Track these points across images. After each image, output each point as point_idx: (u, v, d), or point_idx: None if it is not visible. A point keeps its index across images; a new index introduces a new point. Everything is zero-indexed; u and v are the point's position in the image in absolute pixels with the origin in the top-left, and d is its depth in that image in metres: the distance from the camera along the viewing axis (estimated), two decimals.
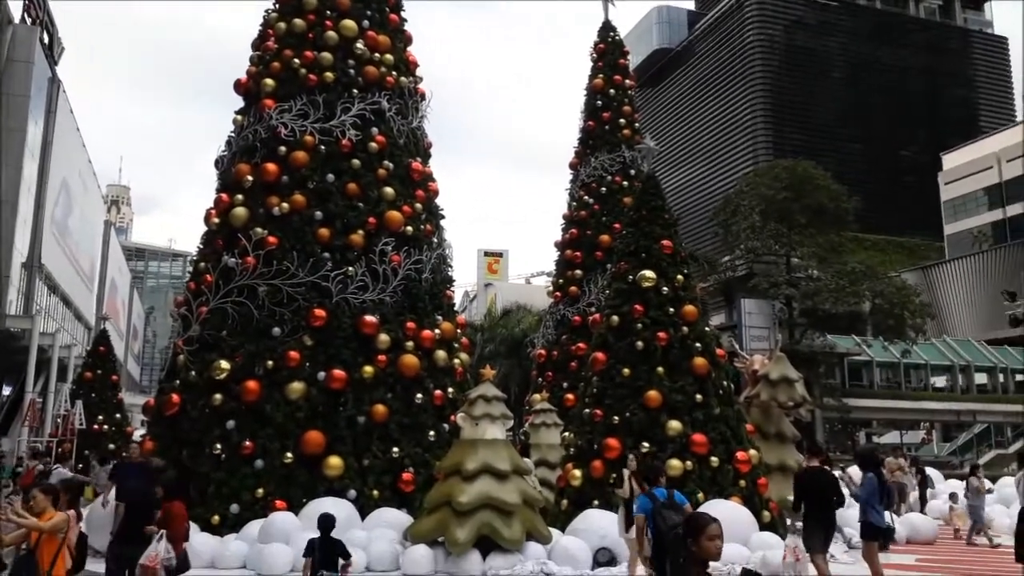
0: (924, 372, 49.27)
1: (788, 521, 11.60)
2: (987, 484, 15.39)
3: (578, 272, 19.91)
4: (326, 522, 7.25)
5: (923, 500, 17.23)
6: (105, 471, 14.33)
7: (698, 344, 12.47)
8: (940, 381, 50.17)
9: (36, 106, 34.69)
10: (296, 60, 13.65)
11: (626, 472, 9.37)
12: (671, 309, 12.55)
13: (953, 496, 15.60)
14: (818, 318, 41.75)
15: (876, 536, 8.82)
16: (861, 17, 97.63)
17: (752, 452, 12.15)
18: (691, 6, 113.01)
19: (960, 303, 62.52)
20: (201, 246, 13.68)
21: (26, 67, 33.15)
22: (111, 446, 22.86)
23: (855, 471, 11.45)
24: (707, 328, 13.45)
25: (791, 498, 9.59)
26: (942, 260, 67.54)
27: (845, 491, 9.46)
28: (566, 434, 13.07)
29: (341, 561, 7.13)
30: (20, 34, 33.43)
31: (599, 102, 21.23)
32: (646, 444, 11.67)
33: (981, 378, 50.22)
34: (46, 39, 36.43)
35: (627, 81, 21.80)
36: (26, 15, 34.28)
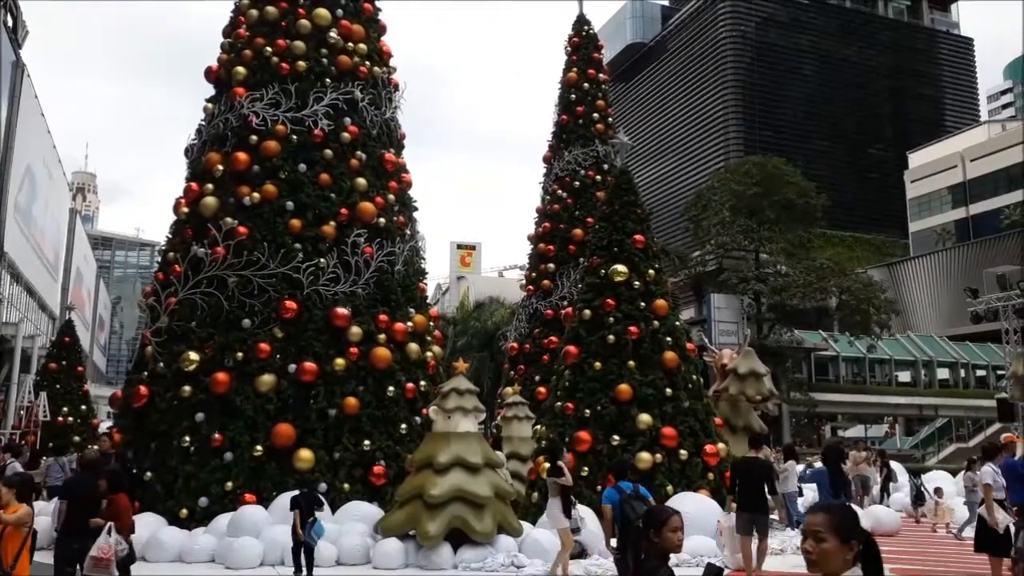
0: (888, 367, 50.19)
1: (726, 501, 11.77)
2: None
3: (551, 266, 19.96)
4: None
5: (885, 492, 17.55)
6: (60, 464, 13.92)
7: (668, 338, 12.61)
8: (904, 376, 51.16)
9: None
10: (268, 48, 13.50)
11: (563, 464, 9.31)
12: (642, 303, 12.67)
13: (938, 491, 15.52)
14: (786, 313, 42.34)
15: None
16: (831, 15, 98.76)
17: (720, 445, 12.32)
18: (665, 1, 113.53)
19: (924, 299, 63.76)
20: (170, 236, 13.50)
21: None
22: (76, 438, 22.48)
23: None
24: (677, 323, 13.60)
25: None
26: (907, 257, 68.78)
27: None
28: (538, 427, 13.13)
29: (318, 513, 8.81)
30: None
31: (573, 96, 21.25)
32: (616, 437, 11.78)
33: (943, 373, 51.29)
34: (9, 22, 35.53)
35: (601, 75, 21.84)
36: None
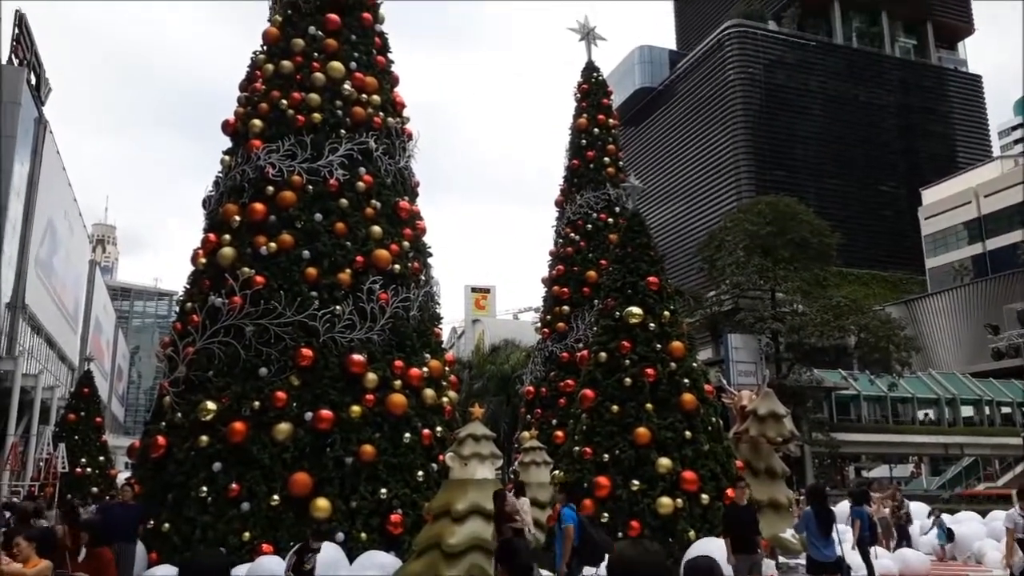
0: (911, 406, 49.41)
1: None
2: None
3: (565, 308, 19.98)
4: None
5: (904, 539, 17.02)
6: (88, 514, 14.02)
7: (686, 380, 12.52)
8: (927, 414, 50.35)
9: (23, 146, 34.67)
10: (284, 101, 13.77)
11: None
12: (658, 345, 12.62)
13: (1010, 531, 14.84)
14: (804, 352, 41.95)
15: (819, 571, 9.17)
16: (838, 56, 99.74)
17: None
18: (672, 46, 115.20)
19: (944, 336, 63.03)
20: (188, 286, 13.63)
21: (13, 108, 33.18)
22: (94, 489, 22.46)
23: (844, 507, 11.49)
24: (695, 364, 13.51)
25: (784, 535, 9.73)
26: (925, 294, 68.22)
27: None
28: (556, 472, 13.00)
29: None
30: (7, 75, 33.52)
31: (583, 141, 21.51)
32: (636, 482, 11.64)
33: (967, 411, 50.41)
34: (33, 80, 36.55)
35: (611, 120, 22.13)
36: (13, 56, 34.43)
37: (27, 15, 35.16)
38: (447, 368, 14.33)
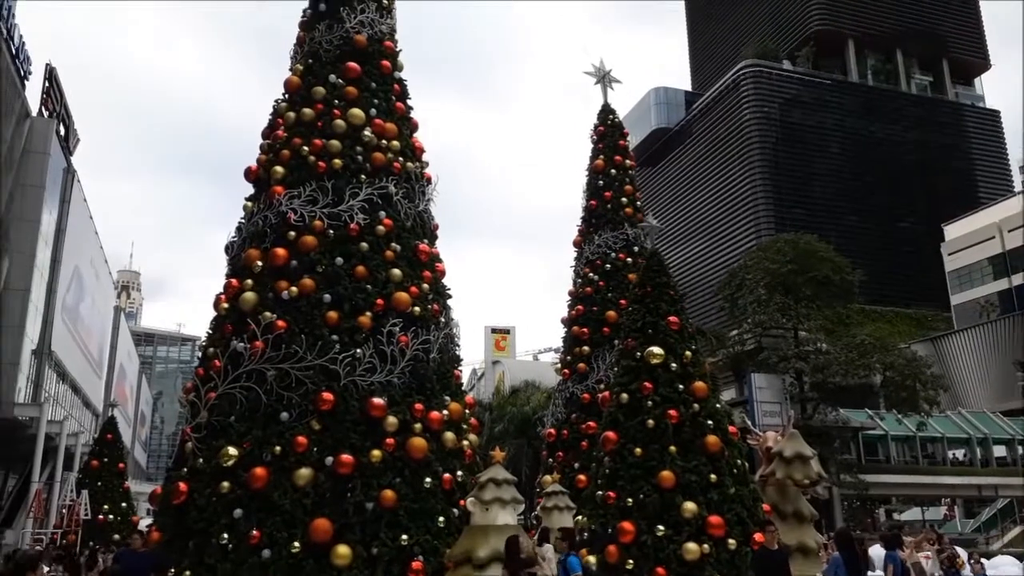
0: (941, 445, 48.33)
1: None
2: None
3: (585, 348, 19.87)
4: None
5: None
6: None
7: (710, 421, 12.34)
8: (958, 454, 49.19)
9: (51, 195, 35.45)
10: (305, 148, 13.99)
11: None
12: (680, 386, 12.48)
13: None
14: (829, 392, 41.33)
15: None
16: (854, 94, 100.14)
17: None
18: (688, 87, 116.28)
19: (972, 374, 61.91)
20: (210, 331, 13.72)
21: (42, 158, 34.02)
22: (116, 536, 22.42)
23: (877, 551, 11.21)
24: (718, 405, 13.33)
25: None
26: (951, 331, 67.23)
27: None
28: (579, 518, 12.79)
29: None
30: (37, 127, 34.44)
31: (600, 182, 21.63)
32: (661, 527, 11.41)
33: (1000, 451, 49.20)
34: (62, 131, 37.51)
35: (627, 161, 22.26)
36: (43, 108, 35.40)
37: (57, 68, 36.22)
38: (467, 411, 14.24)
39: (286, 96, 15.08)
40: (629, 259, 20.30)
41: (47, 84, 35.55)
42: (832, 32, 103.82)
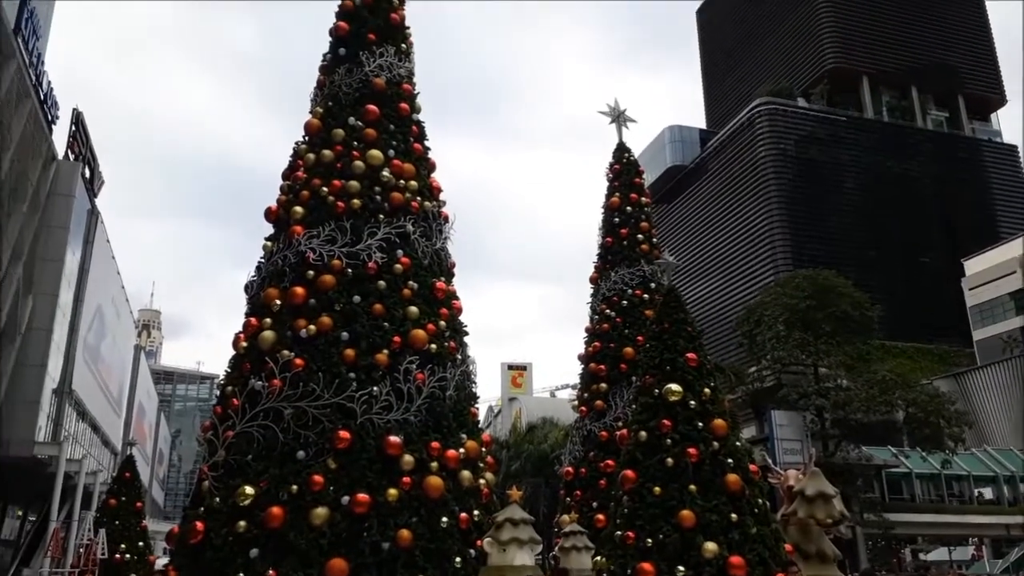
0: (967, 484, 47.33)
1: None
2: None
3: (603, 386, 19.77)
4: None
5: None
6: None
7: (730, 460, 12.20)
8: (985, 492, 48.13)
9: (75, 237, 36.06)
10: (324, 188, 14.20)
11: None
12: (700, 423, 12.37)
13: None
14: (851, 428, 40.77)
15: None
16: (870, 130, 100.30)
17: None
18: (702, 125, 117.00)
19: (997, 410, 60.85)
20: (228, 370, 13.81)
21: (67, 200, 34.68)
22: None
23: None
24: (738, 443, 13.18)
25: None
26: (974, 367, 66.28)
27: None
28: (598, 559, 12.62)
29: None
30: (63, 170, 35.18)
31: (616, 219, 21.73)
32: (681, 568, 11.24)
33: None
34: (87, 173, 38.27)
35: (643, 198, 22.35)
36: (70, 152, 36.19)
37: (83, 113, 37.11)
38: (484, 449, 14.17)
39: (306, 138, 15.35)
40: (646, 295, 20.28)
41: (73, 128, 36.40)
42: (846, 70, 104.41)
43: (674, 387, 12.52)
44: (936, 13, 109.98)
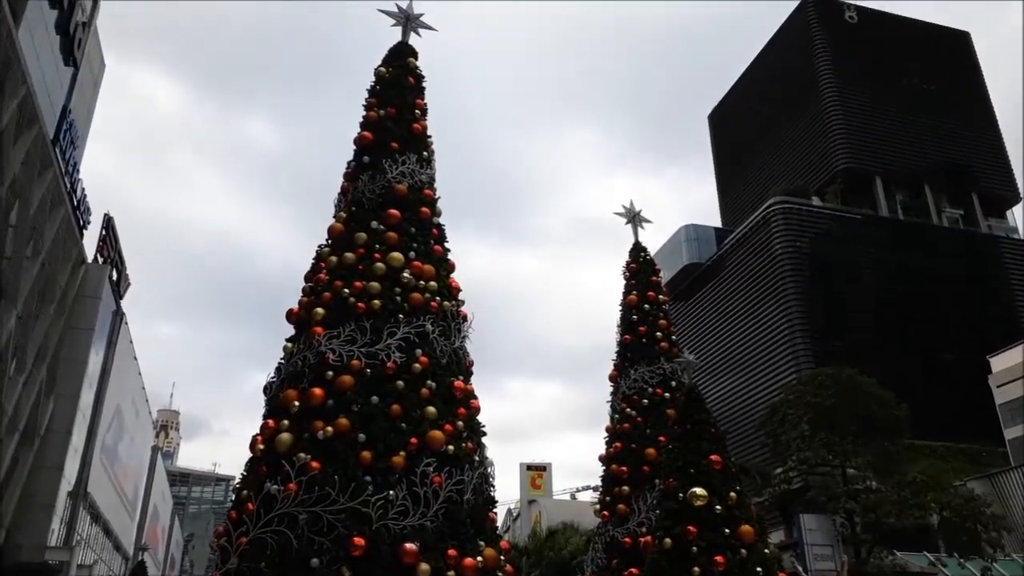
0: None
1: None
2: None
3: (625, 488, 19.27)
4: None
5: None
6: None
7: (759, 568, 11.76)
8: None
9: (99, 338, 36.53)
10: (346, 290, 14.38)
11: None
12: (726, 529, 11.98)
13: None
14: (883, 534, 39.23)
15: None
16: (886, 228, 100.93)
17: None
18: (718, 224, 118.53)
19: None
20: (244, 473, 13.62)
21: (93, 302, 35.34)
22: None
23: None
24: (767, 550, 12.72)
25: None
26: (1008, 467, 64.10)
27: None
28: None
29: None
30: (91, 272, 36.02)
31: (634, 316, 21.75)
32: None
33: None
34: (114, 275, 39.13)
35: (660, 296, 22.44)
36: (99, 255, 37.14)
37: (114, 218, 38.30)
38: (503, 556, 13.73)
39: (329, 241, 15.67)
40: (667, 394, 20.04)
41: (104, 232, 37.50)
42: (858, 170, 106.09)
43: (699, 491, 12.22)
44: (944, 113, 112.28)
